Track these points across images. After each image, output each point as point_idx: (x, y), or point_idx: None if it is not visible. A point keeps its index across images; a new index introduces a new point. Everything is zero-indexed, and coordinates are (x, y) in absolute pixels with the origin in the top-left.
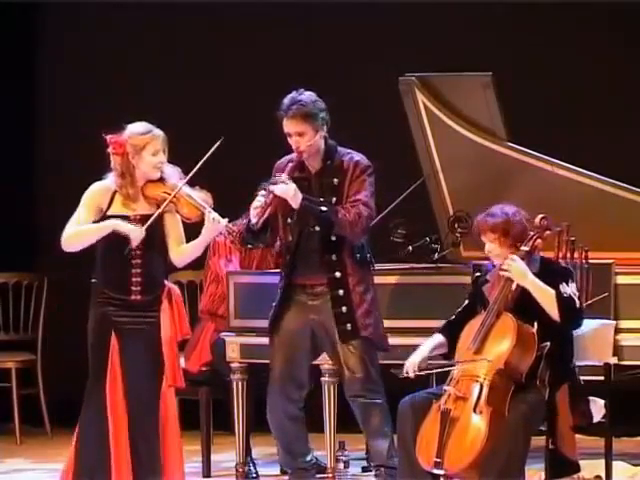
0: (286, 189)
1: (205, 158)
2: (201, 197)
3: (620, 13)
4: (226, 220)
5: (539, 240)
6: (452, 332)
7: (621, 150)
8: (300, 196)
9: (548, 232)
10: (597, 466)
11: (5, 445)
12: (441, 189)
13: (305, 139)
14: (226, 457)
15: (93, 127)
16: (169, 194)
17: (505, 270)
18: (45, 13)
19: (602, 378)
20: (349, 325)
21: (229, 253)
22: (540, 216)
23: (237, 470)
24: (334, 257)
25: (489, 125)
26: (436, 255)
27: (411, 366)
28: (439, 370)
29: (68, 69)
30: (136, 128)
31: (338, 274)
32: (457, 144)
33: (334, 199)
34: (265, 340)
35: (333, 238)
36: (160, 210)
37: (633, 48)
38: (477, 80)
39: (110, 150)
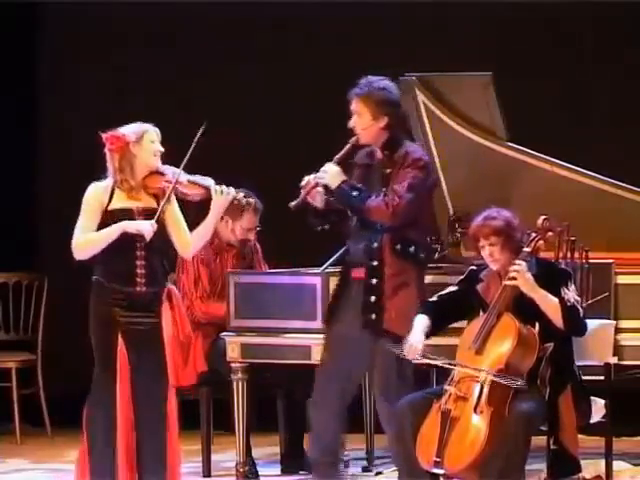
0: (324, 175)
1: (194, 145)
2: (200, 179)
3: (620, 13)
4: (232, 189)
5: (541, 241)
6: (436, 313)
7: (621, 150)
8: (339, 179)
9: (550, 233)
10: (597, 466)
11: (5, 445)
12: (441, 189)
13: (361, 121)
14: (226, 457)
15: (93, 127)
16: (171, 182)
17: (512, 278)
18: (45, 13)
19: (602, 378)
20: (374, 315)
21: (197, 270)
22: (542, 217)
23: (237, 470)
24: (375, 245)
25: (489, 125)
26: (436, 255)
27: (413, 350)
28: (439, 364)
29: (68, 69)
30: (130, 125)
31: (375, 262)
32: (457, 144)
33: (384, 189)
34: (265, 340)
35: (378, 226)
36: (166, 198)
37: (633, 48)
38: (477, 80)
39: (108, 147)
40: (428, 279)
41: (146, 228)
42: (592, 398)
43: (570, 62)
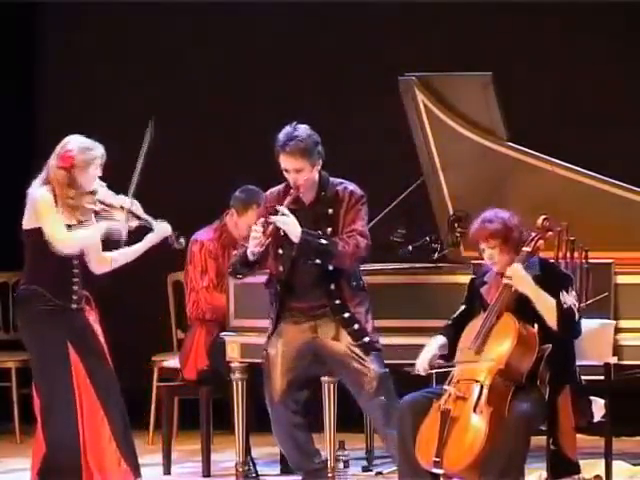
0: (287, 221)
1: (138, 168)
2: (118, 201)
3: (620, 13)
4: (169, 227)
5: (541, 241)
6: (452, 335)
7: (621, 150)
8: (299, 229)
9: (550, 233)
10: (597, 466)
11: (5, 444)
12: (441, 189)
13: (303, 174)
14: (226, 457)
15: (93, 127)
16: (93, 205)
17: (508, 277)
18: (45, 13)
19: (602, 378)
20: (366, 339)
21: (204, 263)
22: (542, 217)
23: (237, 470)
24: (332, 286)
25: (489, 125)
26: (436, 255)
27: (422, 364)
28: (445, 370)
29: (68, 69)
30: (83, 143)
31: (338, 301)
32: (457, 144)
33: (329, 229)
34: (264, 340)
35: (330, 268)
36: (126, 223)
37: (633, 48)
38: (477, 80)
39: (57, 164)
40: (428, 279)
41: (124, 226)
42: (592, 398)
43: (570, 62)
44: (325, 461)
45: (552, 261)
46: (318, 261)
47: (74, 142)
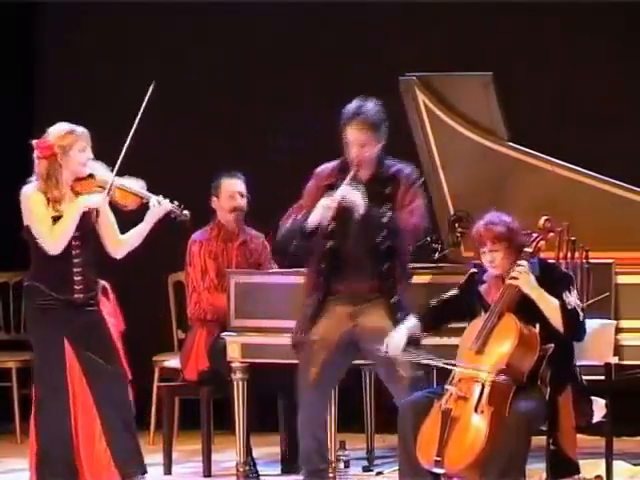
0: (354, 196)
1: (127, 144)
2: (135, 184)
3: (620, 13)
4: (168, 202)
5: (542, 242)
6: (431, 315)
7: (622, 150)
8: (365, 203)
9: (551, 234)
10: (597, 466)
11: (5, 444)
12: (441, 188)
13: (366, 149)
14: (227, 457)
15: (93, 127)
16: (103, 188)
17: (514, 278)
18: (45, 13)
19: (603, 378)
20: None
21: (204, 263)
22: (544, 218)
23: (238, 470)
24: (385, 266)
25: (489, 125)
26: (436, 255)
27: (397, 348)
28: (439, 365)
29: (68, 69)
30: (60, 128)
31: (389, 283)
32: (457, 144)
33: (388, 207)
34: (265, 340)
35: (383, 247)
36: (104, 203)
37: (633, 48)
38: (477, 80)
39: (37, 155)
40: (428, 279)
41: (98, 200)
42: (593, 398)
43: (570, 62)
44: (330, 463)
45: (551, 261)
46: (378, 239)
47: (52, 130)
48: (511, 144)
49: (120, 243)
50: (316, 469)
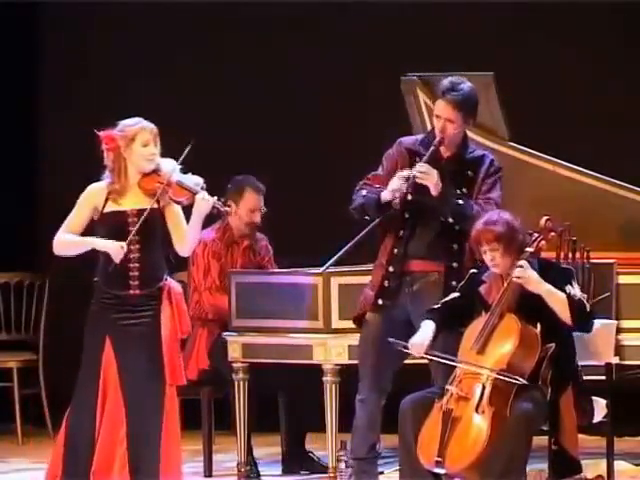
0: (430, 174)
1: (189, 146)
2: (193, 181)
3: (620, 13)
4: (215, 198)
5: (543, 242)
6: (438, 320)
7: (622, 150)
8: (441, 183)
9: (552, 234)
10: (599, 466)
11: (6, 445)
12: None
13: (452, 126)
14: (227, 457)
15: (94, 127)
16: (162, 183)
17: (518, 277)
18: (45, 13)
19: (604, 378)
20: None
21: (207, 264)
22: (545, 218)
23: (238, 470)
24: (455, 246)
25: (490, 124)
26: None
27: (421, 348)
28: (442, 361)
29: (68, 69)
30: (126, 121)
31: (455, 264)
32: None
33: (464, 190)
34: (266, 340)
35: (457, 227)
36: (153, 202)
37: (633, 48)
38: (478, 80)
39: (103, 146)
40: None
41: (115, 250)
42: (594, 398)
43: (570, 62)
44: (379, 453)
45: (549, 258)
46: (450, 220)
47: (121, 123)
48: (512, 144)
49: (184, 240)
50: (364, 458)
